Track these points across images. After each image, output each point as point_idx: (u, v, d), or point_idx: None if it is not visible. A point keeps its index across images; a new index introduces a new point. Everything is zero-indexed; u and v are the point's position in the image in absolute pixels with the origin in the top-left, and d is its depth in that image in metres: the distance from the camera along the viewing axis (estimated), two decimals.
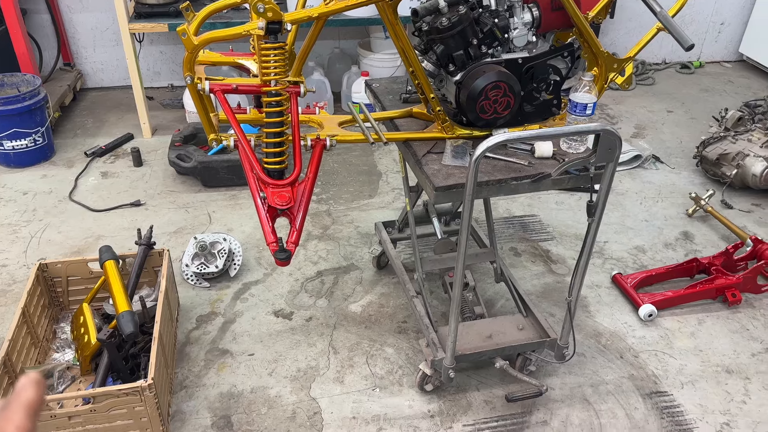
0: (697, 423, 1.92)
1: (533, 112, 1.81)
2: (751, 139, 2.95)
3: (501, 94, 1.68)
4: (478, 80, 1.66)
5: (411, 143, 1.81)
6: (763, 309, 2.34)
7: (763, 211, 2.90)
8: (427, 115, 1.87)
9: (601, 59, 1.76)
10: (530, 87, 1.77)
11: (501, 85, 1.67)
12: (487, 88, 1.66)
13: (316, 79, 3.59)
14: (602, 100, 3.88)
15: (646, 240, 2.71)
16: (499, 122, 1.75)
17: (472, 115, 1.72)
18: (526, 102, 1.79)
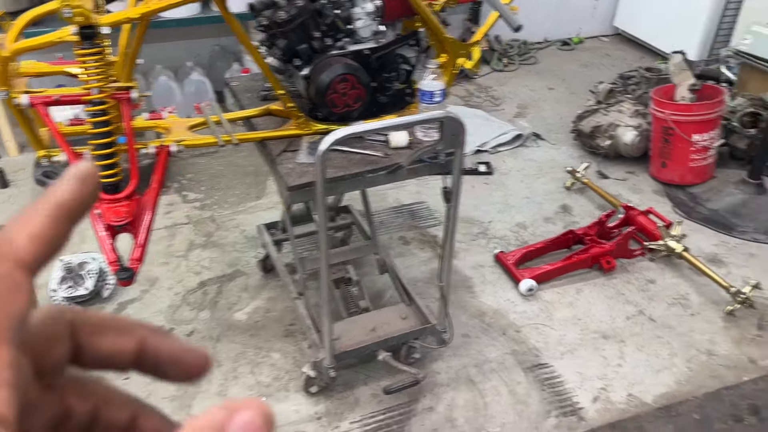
0: (576, 391, 1.99)
1: (388, 103, 1.80)
2: (621, 110, 3.09)
3: (350, 86, 1.65)
4: (324, 74, 1.62)
5: (267, 142, 1.75)
6: (637, 273, 2.46)
7: (637, 178, 3.04)
8: (285, 111, 1.82)
9: (447, 45, 1.77)
10: (382, 77, 1.75)
11: (349, 78, 1.64)
12: (334, 82, 1.63)
13: (195, 80, 3.45)
14: (486, 82, 3.96)
15: (527, 216, 2.79)
16: (353, 115, 1.72)
17: (324, 109, 1.68)
18: (379, 93, 1.77)
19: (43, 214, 0.24)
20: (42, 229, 0.24)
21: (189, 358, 0.28)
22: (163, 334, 0.28)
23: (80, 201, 0.25)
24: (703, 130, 2.76)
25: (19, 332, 0.23)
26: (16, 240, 0.24)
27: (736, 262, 2.52)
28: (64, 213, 0.25)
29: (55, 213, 0.25)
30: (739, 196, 2.78)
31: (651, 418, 1.90)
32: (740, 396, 1.97)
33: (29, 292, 0.24)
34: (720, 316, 2.25)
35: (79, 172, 0.26)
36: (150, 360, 0.28)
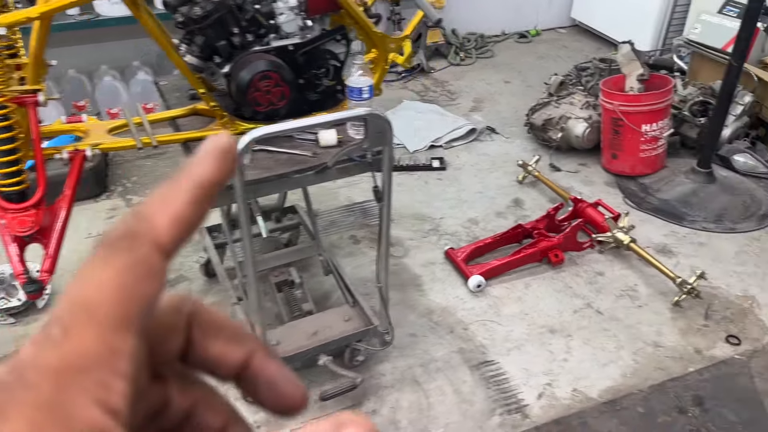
0: (521, 388, 1.97)
1: (318, 100, 1.74)
2: (572, 102, 3.07)
3: (273, 83, 1.59)
4: (244, 71, 1.56)
5: (190, 144, 1.69)
6: (585, 266, 2.44)
7: (589, 169, 3.03)
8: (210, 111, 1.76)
9: (376, 40, 1.72)
10: (309, 74, 1.70)
11: (271, 75, 1.58)
12: (255, 79, 1.57)
13: (141, 79, 3.35)
14: (442, 77, 3.92)
15: (479, 211, 2.76)
16: (280, 113, 1.66)
17: (247, 108, 1.63)
18: (308, 90, 1.72)
19: (184, 194, 0.23)
20: (183, 210, 0.23)
21: (288, 389, 0.27)
22: (271, 355, 0.27)
23: (221, 179, 0.24)
24: (651, 120, 2.75)
25: (145, 320, 0.22)
26: (156, 221, 0.23)
27: (685, 251, 2.52)
28: (205, 193, 0.24)
29: (196, 193, 0.23)
30: (689, 186, 2.78)
31: (595, 413, 1.88)
32: (685, 387, 1.96)
33: (163, 279, 0.22)
34: (668, 307, 2.25)
35: (220, 145, 0.24)
36: (250, 377, 0.26)
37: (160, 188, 0.23)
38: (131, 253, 0.22)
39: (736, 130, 3.00)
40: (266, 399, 0.26)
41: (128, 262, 0.21)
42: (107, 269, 0.21)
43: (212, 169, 0.24)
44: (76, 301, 0.21)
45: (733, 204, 2.73)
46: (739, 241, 2.59)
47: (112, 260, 0.21)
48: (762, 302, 2.29)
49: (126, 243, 0.22)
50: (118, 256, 0.22)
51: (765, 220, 2.69)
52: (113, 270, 0.21)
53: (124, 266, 0.21)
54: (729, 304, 2.28)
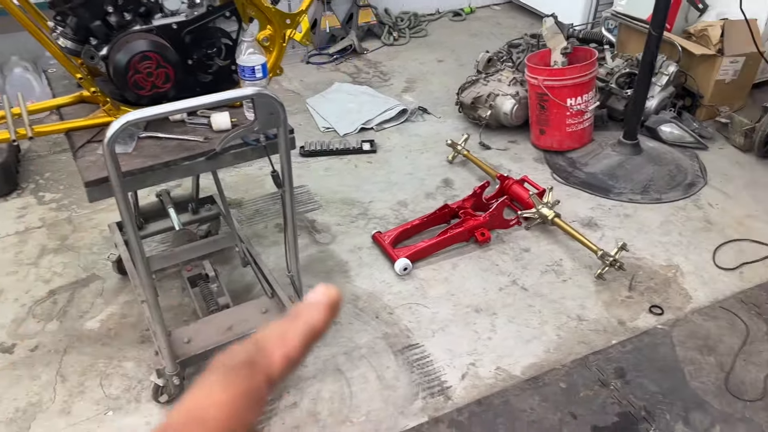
0: (445, 369, 1.93)
1: (212, 82, 1.65)
2: (500, 78, 3.03)
3: (154, 65, 1.49)
4: (121, 53, 1.46)
5: (73, 133, 1.58)
6: (512, 243, 2.42)
7: (518, 146, 3.01)
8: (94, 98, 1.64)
9: (270, 16, 1.63)
10: (199, 54, 1.60)
11: (151, 56, 1.48)
12: (134, 61, 1.46)
13: (18, 76, 3.13)
14: (376, 57, 3.84)
15: (408, 193, 2.70)
16: (168, 96, 1.56)
17: (129, 93, 1.52)
18: (200, 71, 1.62)
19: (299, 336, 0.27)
20: (295, 352, 0.27)
21: None
22: None
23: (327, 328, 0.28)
24: (576, 93, 2.73)
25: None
26: (272, 356, 0.26)
27: (611, 224, 2.52)
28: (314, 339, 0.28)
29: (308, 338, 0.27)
30: (616, 158, 2.78)
31: (518, 391, 1.85)
32: (607, 360, 1.96)
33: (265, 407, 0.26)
34: (592, 280, 2.24)
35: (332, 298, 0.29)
36: None
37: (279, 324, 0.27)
38: (248, 381, 0.25)
39: (662, 101, 3.02)
40: None
41: (245, 389, 0.25)
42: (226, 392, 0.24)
43: (323, 318, 0.28)
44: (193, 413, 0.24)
45: (660, 174, 2.74)
46: (664, 211, 2.60)
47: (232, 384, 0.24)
48: (686, 270, 2.31)
49: (245, 371, 0.25)
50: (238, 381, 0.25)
51: (690, 189, 2.71)
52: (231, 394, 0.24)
53: (241, 393, 0.24)
54: (653, 274, 2.28)
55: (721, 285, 2.25)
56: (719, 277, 2.28)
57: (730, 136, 3.00)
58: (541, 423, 1.77)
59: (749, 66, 3.09)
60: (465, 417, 1.78)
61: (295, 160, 2.93)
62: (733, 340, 2.03)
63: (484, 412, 1.79)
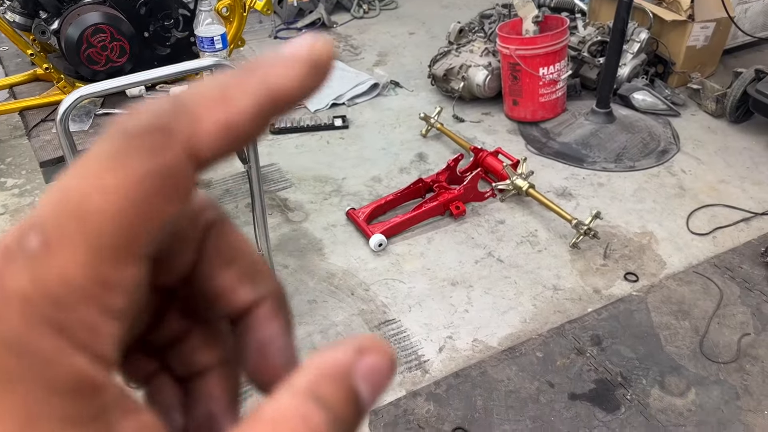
0: (422, 343, 1.92)
1: (171, 54, 1.59)
2: (472, 49, 2.99)
3: (108, 38, 1.43)
4: (72, 26, 1.39)
5: (27, 112, 1.51)
6: (487, 215, 2.40)
7: (492, 118, 2.98)
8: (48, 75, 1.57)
9: None
10: (156, 26, 1.54)
11: (105, 29, 1.41)
12: (86, 34, 1.40)
13: None
14: (346, 31, 3.77)
15: (382, 169, 2.67)
16: (125, 70, 1.50)
17: (83, 68, 1.45)
18: (157, 44, 1.56)
19: (249, 97, 0.16)
20: (241, 119, 0.16)
21: (276, 362, 0.21)
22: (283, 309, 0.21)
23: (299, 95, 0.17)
24: (548, 62, 2.70)
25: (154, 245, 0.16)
26: (201, 120, 0.16)
27: (585, 193, 2.52)
28: (275, 106, 0.17)
29: (263, 102, 0.16)
30: (589, 127, 2.77)
31: (495, 362, 1.85)
32: (583, 328, 1.96)
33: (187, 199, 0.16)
34: (567, 249, 2.24)
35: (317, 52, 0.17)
36: (245, 327, 0.21)
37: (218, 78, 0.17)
38: (158, 155, 0.15)
39: (635, 68, 3.01)
40: (248, 361, 0.21)
41: (151, 167, 0.15)
42: (120, 171, 0.15)
43: (294, 79, 0.17)
44: (68, 207, 0.15)
45: (633, 142, 2.74)
46: (638, 178, 2.61)
47: (130, 160, 0.15)
48: (660, 237, 2.32)
49: (154, 140, 0.16)
50: (140, 155, 0.15)
51: (663, 156, 2.72)
52: (129, 174, 0.15)
53: (145, 172, 0.15)
54: (627, 241, 2.29)
55: (695, 250, 2.26)
56: (693, 243, 2.29)
57: (702, 102, 3.01)
58: (518, 392, 1.77)
59: (720, 31, 3.09)
60: (443, 389, 1.77)
61: (266, 137, 2.87)
62: (708, 304, 2.05)
63: (461, 384, 1.79)
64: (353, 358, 0.17)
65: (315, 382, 0.17)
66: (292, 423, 0.16)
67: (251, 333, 0.21)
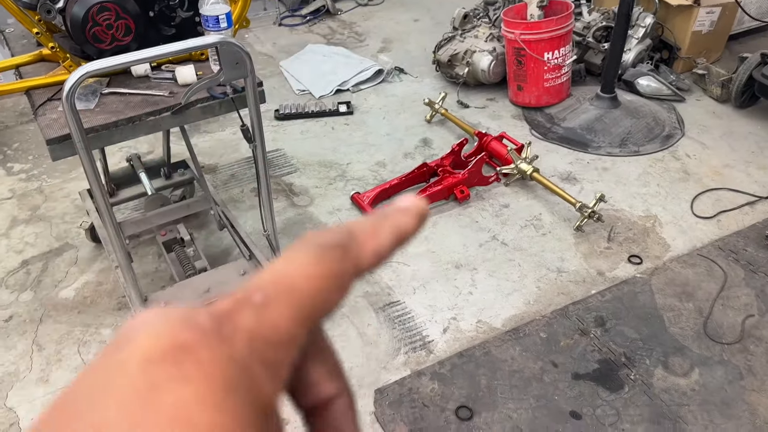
0: (426, 324, 1.93)
1: (176, 34, 1.59)
2: (477, 35, 2.99)
3: (113, 17, 1.43)
4: (78, 4, 1.40)
5: (33, 92, 1.52)
6: (492, 199, 2.41)
7: (496, 104, 2.98)
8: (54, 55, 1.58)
9: None
10: (161, 6, 1.54)
11: (110, 7, 1.42)
12: (92, 12, 1.40)
13: None
14: (350, 18, 3.76)
15: (387, 154, 2.67)
16: (131, 49, 1.50)
17: (89, 47, 1.46)
18: (162, 23, 1.56)
19: (390, 236, 0.25)
20: (385, 250, 0.25)
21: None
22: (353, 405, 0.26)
23: (413, 235, 0.26)
24: (553, 47, 2.70)
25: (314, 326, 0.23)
26: (364, 246, 0.24)
27: (589, 177, 2.51)
28: (401, 242, 0.26)
29: (396, 239, 0.26)
30: (594, 112, 2.77)
31: (498, 342, 1.86)
32: (586, 309, 1.97)
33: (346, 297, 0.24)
34: (571, 233, 2.24)
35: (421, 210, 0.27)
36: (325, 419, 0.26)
37: (372, 219, 0.25)
38: (340, 263, 0.23)
39: (639, 54, 3.00)
40: None
41: (336, 269, 0.23)
42: (318, 266, 0.22)
43: (412, 225, 0.26)
44: (282, 280, 0.22)
45: (637, 127, 2.74)
46: (642, 163, 2.60)
47: (324, 261, 0.22)
48: (664, 221, 2.31)
49: (339, 253, 0.23)
50: (330, 259, 0.23)
51: (668, 140, 2.71)
52: (323, 269, 0.22)
53: (333, 271, 0.22)
54: (631, 225, 2.29)
55: (699, 233, 2.26)
56: (697, 226, 2.29)
57: (707, 87, 3.00)
58: (522, 372, 1.78)
59: (726, 16, 3.07)
60: (447, 369, 1.78)
61: (271, 123, 2.88)
62: (711, 286, 2.05)
63: (465, 364, 1.80)
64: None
65: None
66: None
67: (330, 424, 0.26)
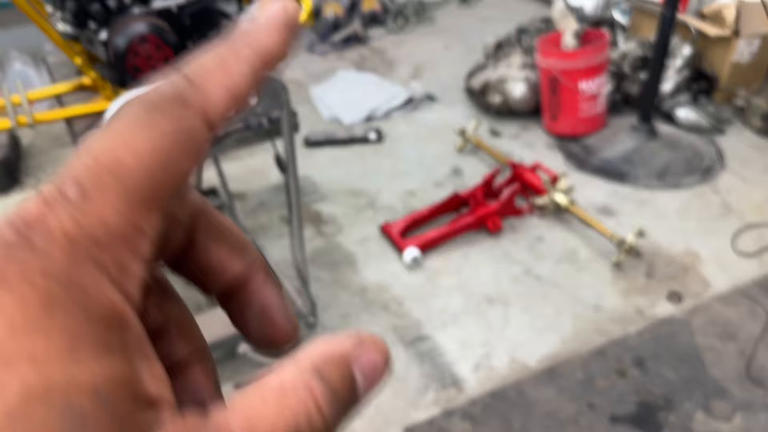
0: (457, 361, 1.88)
1: None
2: (510, 63, 2.96)
3: (154, 48, 1.44)
4: (120, 36, 1.41)
5: (74, 121, 1.53)
6: (525, 231, 2.36)
7: (530, 133, 2.94)
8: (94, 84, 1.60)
9: None
10: (200, 36, 1.55)
11: (150, 38, 1.43)
12: (133, 44, 1.41)
13: (18, 70, 3.11)
14: (381, 45, 3.78)
15: (417, 183, 2.64)
16: None
17: (129, 77, 1.47)
18: None
19: (244, 64, 0.19)
20: (241, 85, 0.19)
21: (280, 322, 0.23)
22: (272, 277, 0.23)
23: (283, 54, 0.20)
24: (588, 76, 2.66)
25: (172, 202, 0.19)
26: (209, 91, 0.19)
27: (627, 210, 2.45)
28: (266, 67, 0.20)
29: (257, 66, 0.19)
30: (631, 143, 2.71)
31: (533, 382, 1.80)
32: (625, 349, 1.90)
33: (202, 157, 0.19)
34: (608, 268, 2.17)
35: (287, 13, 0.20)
36: (242, 297, 0.23)
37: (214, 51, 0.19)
38: (177, 120, 0.18)
39: (677, 84, 2.94)
40: (253, 327, 0.23)
41: (173, 128, 0.18)
42: (146, 131, 0.17)
43: (276, 41, 0.20)
44: (103, 161, 0.17)
45: (676, 159, 2.67)
46: (681, 196, 2.53)
47: (154, 123, 0.18)
48: (704, 257, 2.24)
49: (173, 107, 0.18)
50: (162, 119, 0.18)
51: (708, 174, 2.64)
52: (154, 134, 0.17)
53: (167, 132, 0.18)
54: (671, 261, 2.22)
55: (741, 271, 2.18)
56: (738, 263, 2.21)
57: (747, 119, 2.92)
58: (557, 414, 1.71)
59: (766, 47, 3.00)
60: (479, 409, 1.73)
61: (299, 150, 2.88)
62: (754, 326, 1.97)
63: (498, 404, 1.74)
64: (354, 349, 0.19)
65: (319, 362, 0.18)
66: (299, 391, 0.18)
67: (250, 300, 0.23)
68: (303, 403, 0.17)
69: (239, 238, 0.23)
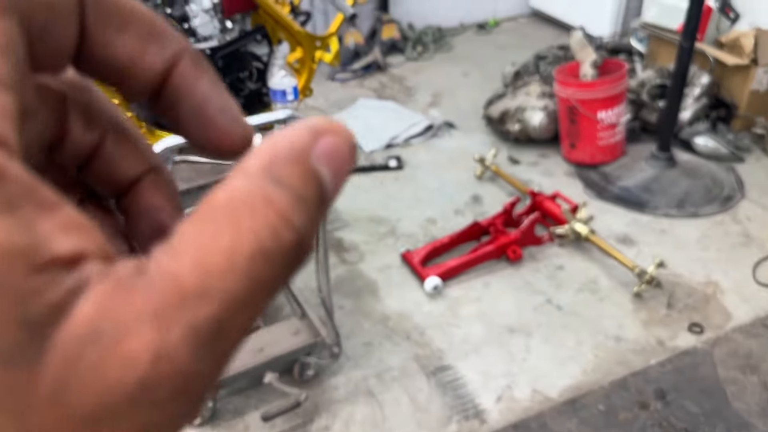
0: (479, 392, 1.89)
1: (244, 105, 1.66)
2: (528, 92, 3.00)
3: None
4: None
5: None
6: (545, 260, 2.38)
7: (548, 161, 2.97)
8: None
9: (300, 38, 1.63)
10: (232, 78, 1.61)
11: None
12: None
13: None
14: (400, 73, 3.84)
15: (437, 210, 2.68)
16: None
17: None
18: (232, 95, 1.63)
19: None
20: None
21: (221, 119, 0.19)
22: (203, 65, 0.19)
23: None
24: (607, 106, 2.69)
25: None
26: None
27: (647, 240, 2.46)
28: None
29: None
30: (650, 172, 2.73)
31: (555, 414, 1.81)
32: (646, 381, 1.90)
33: None
34: (629, 298, 2.18)
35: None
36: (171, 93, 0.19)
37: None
38: None
39: (696, 112, 2.95)
40: (192, 127, 0.19)
41: None
42: None
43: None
44: None
45: (695, 188, 2.68)
46: (701, 225, 2.54)
47: None
48: (725, 287, 2.24)
49: None
50: None
51: (728, 202, 2.64)
52: None
53: None
54: (691, 291, 2.22)
55: (763, 302, 2.17)
56: (760, 294, 2.21)
57: (766, 147, 2.92)
58: None
59: None
60: None
61: None
62: None
63: None
64: (309, 139, 0.16)
65: (271, 163, 0.15)
66: (253, 204, 0.14)
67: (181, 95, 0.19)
68: (263, 218, 0.14)
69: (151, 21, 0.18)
